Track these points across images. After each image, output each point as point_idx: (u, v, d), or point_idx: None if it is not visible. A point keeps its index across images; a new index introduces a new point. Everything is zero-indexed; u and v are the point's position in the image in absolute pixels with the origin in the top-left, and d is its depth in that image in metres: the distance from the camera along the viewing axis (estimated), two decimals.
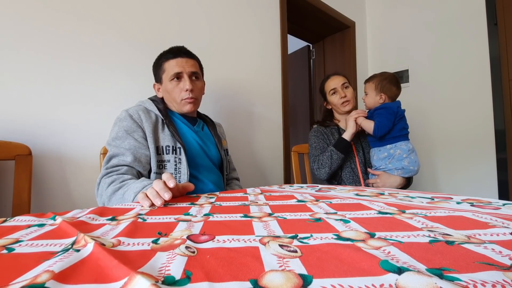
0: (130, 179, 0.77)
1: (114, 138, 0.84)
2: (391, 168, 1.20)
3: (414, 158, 1.19)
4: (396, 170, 1.20)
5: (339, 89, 1.32)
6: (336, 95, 1.33)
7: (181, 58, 0.93)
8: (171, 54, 0.94)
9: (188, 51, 0.97)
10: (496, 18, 1.84)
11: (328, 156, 1.24)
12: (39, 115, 0.93)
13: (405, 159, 1.18)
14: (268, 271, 0.23)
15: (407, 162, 1.18)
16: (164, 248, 0.30)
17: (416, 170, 1.20)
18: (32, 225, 0.41)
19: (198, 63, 1.00)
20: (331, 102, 1.36)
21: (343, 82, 1.34)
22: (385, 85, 1.25)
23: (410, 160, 1.18)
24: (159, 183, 0.58)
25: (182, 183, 0.66)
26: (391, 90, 1.24)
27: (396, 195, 0.64)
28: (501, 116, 1.81)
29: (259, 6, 1.69)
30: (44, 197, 0.93)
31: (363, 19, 2.55)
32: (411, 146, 1.21)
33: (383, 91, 1.25)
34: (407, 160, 1.18)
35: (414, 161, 1.19)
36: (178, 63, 0.92)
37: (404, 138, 1.21)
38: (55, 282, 0.21)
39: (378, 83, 1.26)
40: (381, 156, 1.22)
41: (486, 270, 0.22)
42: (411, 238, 0.31)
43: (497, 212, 0.43)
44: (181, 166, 0.88)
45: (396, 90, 1.26)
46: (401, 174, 1.20)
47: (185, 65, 0.93)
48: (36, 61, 0.93)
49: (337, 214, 0.45)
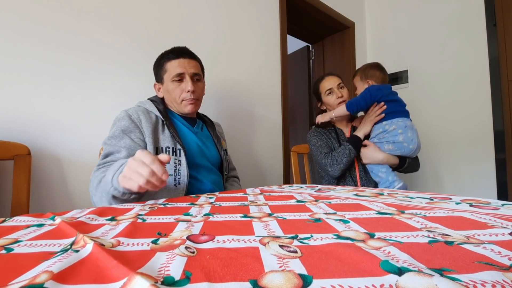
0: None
1: (110, 137, 0.83)
2: (382, 142, 1.18)
3: (411, 136, 1.14)
4: (387, 144, 1.16)
5: (335, 89, 1.32)
6: (333, 95, 1.32)
7: (183, 59, 0.93)
8: (173, 55, 0.94)
9: (191, 52, 0.97)
10: (495, 19, 1.85)
11: (344, 153, 1.21)
12: (38, 115, 0.93)
13: (400, 135, 1.14)
14: (268, 271, 0.23)
15: (402, 138, 1.13)
16: (164, 248, 0.30)
17: (410, 148, 1.14)
18: (31, 225, 0.41)
19: (199, 65, 1.00)
20: (327, 102, 1.35)
21: (339, 82, 1.34)
22: (368, 72, 1.27)
23: (405, 137, 1.13)
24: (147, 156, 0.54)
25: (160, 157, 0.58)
26: (375, 74, 1.26)
27: (395, 195, 0.64)
28: (500, 117, 1.82)
29: (259, 6, 1.69)
30: (43, 197, 0.93)
31: (362, 19, 2.55)
32: (409, 123, 1.16)
33: (367, 78, 1.27)
34: (402, 136, 1.13)
35: (411, 139, 1.13)
36: (180, 64, 0.92)
37: (401, 114, 1.18)
38: (54, 283, 0.21)
39: (361, 73, 1.29)
40: (376, 132, 1.21)
41: (485, 270, 0.22)
42: (410, 238, 0.32)
43: (496, 213, 0.43)
44: (181, 168, 0.88)
45: (380, 73, 1.26)
46: (391, 150, 1.16)
47: (187, 66, 0.93)
48: (35, 61, 0.93)
49: (336, 215, 0.45)
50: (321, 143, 1.32)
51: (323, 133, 1.36)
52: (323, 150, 1.30)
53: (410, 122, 1.18)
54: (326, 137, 1.34)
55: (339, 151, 1.24)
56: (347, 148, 1.22)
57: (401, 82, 2.31)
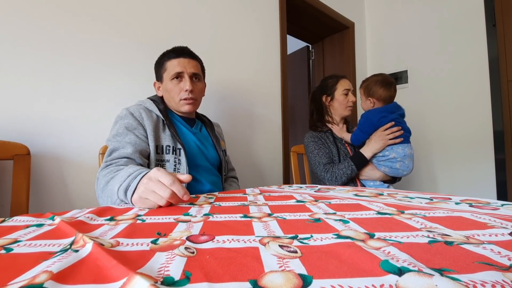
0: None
1: (115, 135, 0.82)
2: (379, 163, 1.21)
3: (408, 163, 1.18)
4: (384, 167, 1.20)
5: (350, 93, 1.35)
6: (347, 97, 1.34)
7: (183, 58, 0.93)
8: (174, 54, 0.94)
9: (191, 52, 0.97)
10: (494, 20, 1.85)
11: (346, 172, 1.21)
12: (38, 115, 0.93)
13: (398, 163, 1.18)
14: (268, 271, 0.23)
15: (399, 165, 1.18)
16: (163, 248, 0.30)
17: (404, 174, 1.20)
18: (31, 225, 0.41)
19: (200, 65, 1.00)
20: (339, 99, 1.34)
21: (352, 89, 1.37)
22: (371, 88, 1.23)
23: (402, 164, 1.18)
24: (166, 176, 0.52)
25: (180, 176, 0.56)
26: (378, 92, 1.21)
27: (395, 195, 0.64)
28: (500, 117, 1.82)
29: (259, 6, 1.69)
30: (43, 197, 0.93)
31: (362, 20, 2.55)
32: (408, 152, 1.18)
33: (369, 95, 1.24)
34: (399, 164, 1.18)
35: (407, 166, 1.18)
36: (180, 63, 0.93)
37: (403, 141, 1.19)
38: (53, 283, 0.21)
39: (365, 87, 1.26)
40: (377, 155, 1.23)
41: (485, 270, 0.22)
42: (410, 238, 0.32)
43: (495, 213, 0.44)
44: (181, 167, 0.88)
45: (384, 91, 1.21)
46: (387, 172, 1.20)
47: (187, 65, 0.93)
48: (35, 61, 0.93)
49: (336, 215, 0.45)
50: (319, 151, 1.30)
51: (320, 137, 1.35)
52: (322, 160, 1.28)
53: (409, 149, 1.19)
54: (323, 142, 1.34)
55: (341, 168, 1.22)
56: (350, 167, 1.21)
57: (400, 82, 2.31)
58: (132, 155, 0.78)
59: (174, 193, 0.52)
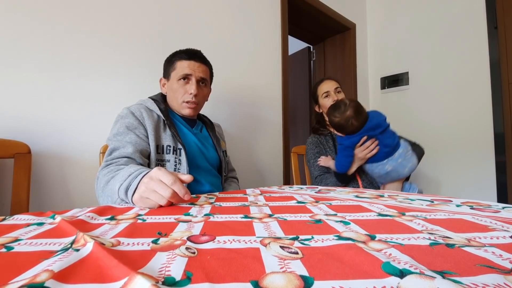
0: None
1: (115, 134, 0.82)
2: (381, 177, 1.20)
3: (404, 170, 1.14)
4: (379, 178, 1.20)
5: (332, 93, 1.34)
6: (329, 98, 1.33)
7: (194, 62, 0.94)
8: (186, 55, 0.94)
9: (203, 56, 0.98)
10: (496, 22, 1.85)
11: (332, 185, 1.23)
12: (39, 114, 0.93)
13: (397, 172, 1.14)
14: (269, 272, 0.23)
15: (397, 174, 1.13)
16: (164, 248, 0.30)
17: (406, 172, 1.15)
18: (31, 223, 0.41)
19: (209, 70, 1.01)
20: (323, 105, 1.36)
21: (336, 86, 1.35)
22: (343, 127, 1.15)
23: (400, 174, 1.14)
24: (167, 176, 0.52)
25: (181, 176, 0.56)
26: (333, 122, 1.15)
27: (396, 197, 0.64)
28: (501, 119, 1.82)
29: (260, 7, 1.69)
30: (43, 196, 0.93)
31: (363, 21, 2.55)
32: (390, 168, 1.12)
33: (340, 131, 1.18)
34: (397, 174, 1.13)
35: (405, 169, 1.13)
36: (190, 65, 0.93)
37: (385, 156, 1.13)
38: (54, 282, 0.21)
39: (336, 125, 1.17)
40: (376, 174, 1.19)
41: (487, 273, 0.22)
42: (411, 240, 0.31)
43: (496, 215, 0.43)
44: (181, 167, 0.88)
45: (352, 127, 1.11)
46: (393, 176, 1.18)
47: (196, 69, 0.94)
48: (36, 60, 0.93)
49: (337, 216, 0.44)
50: (314, 161, 1.33)
51: (320, 142, 1.37)
52: (315, 172, 1.31)
53: (389, 166, 1.12)
54: (322, 147, 1.35)
55: (328, 182, 1.26)
56: (337, 184, 1.23)
57: (401, 84, 2.31)
58: (133, 155, 0.78)
59: (175, 193, 0.53)
